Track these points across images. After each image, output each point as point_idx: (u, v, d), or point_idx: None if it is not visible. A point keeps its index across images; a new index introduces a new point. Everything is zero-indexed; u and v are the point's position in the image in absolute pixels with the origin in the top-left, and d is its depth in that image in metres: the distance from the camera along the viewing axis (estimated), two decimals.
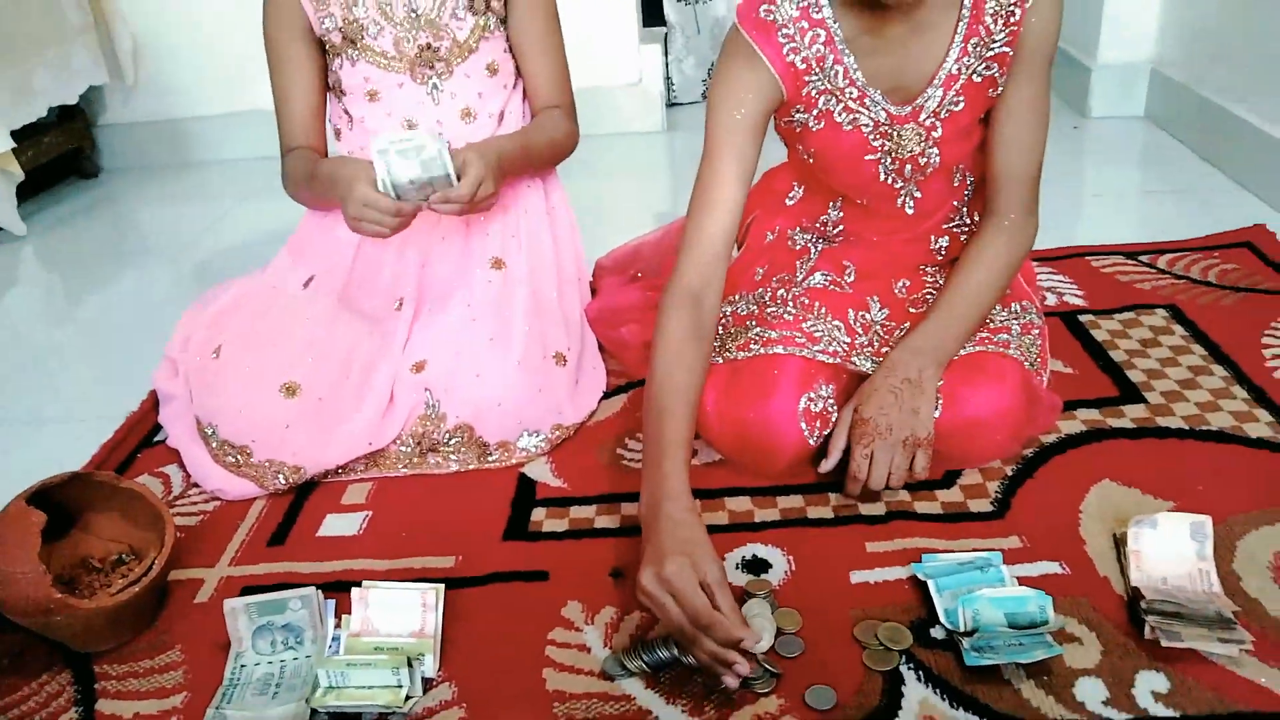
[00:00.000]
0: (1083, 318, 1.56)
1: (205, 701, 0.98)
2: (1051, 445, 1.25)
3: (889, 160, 1.23)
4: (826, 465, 1.19)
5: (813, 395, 1.18)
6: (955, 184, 1.28)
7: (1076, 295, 1.63)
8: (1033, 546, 1.09)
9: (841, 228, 1.34)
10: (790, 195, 1.38)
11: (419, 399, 1.32)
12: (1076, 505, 1.15)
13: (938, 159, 1.22)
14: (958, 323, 1.21)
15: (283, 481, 1.28)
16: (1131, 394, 1.35)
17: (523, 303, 1.40)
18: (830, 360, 1.21)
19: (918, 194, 1.27)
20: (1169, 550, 1.03)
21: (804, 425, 1.17)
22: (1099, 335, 1.50)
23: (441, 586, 1.01)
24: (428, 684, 0.98)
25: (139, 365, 1.62)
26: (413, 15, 1.40)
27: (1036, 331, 1.28)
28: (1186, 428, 1.27)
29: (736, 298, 1.32)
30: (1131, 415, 1.30)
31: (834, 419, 1.20)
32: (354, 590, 1.00)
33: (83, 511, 1.15)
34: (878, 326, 1.27)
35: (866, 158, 1.23)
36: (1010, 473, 1.21)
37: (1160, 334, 1.49)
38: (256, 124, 2.76)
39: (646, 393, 1.10)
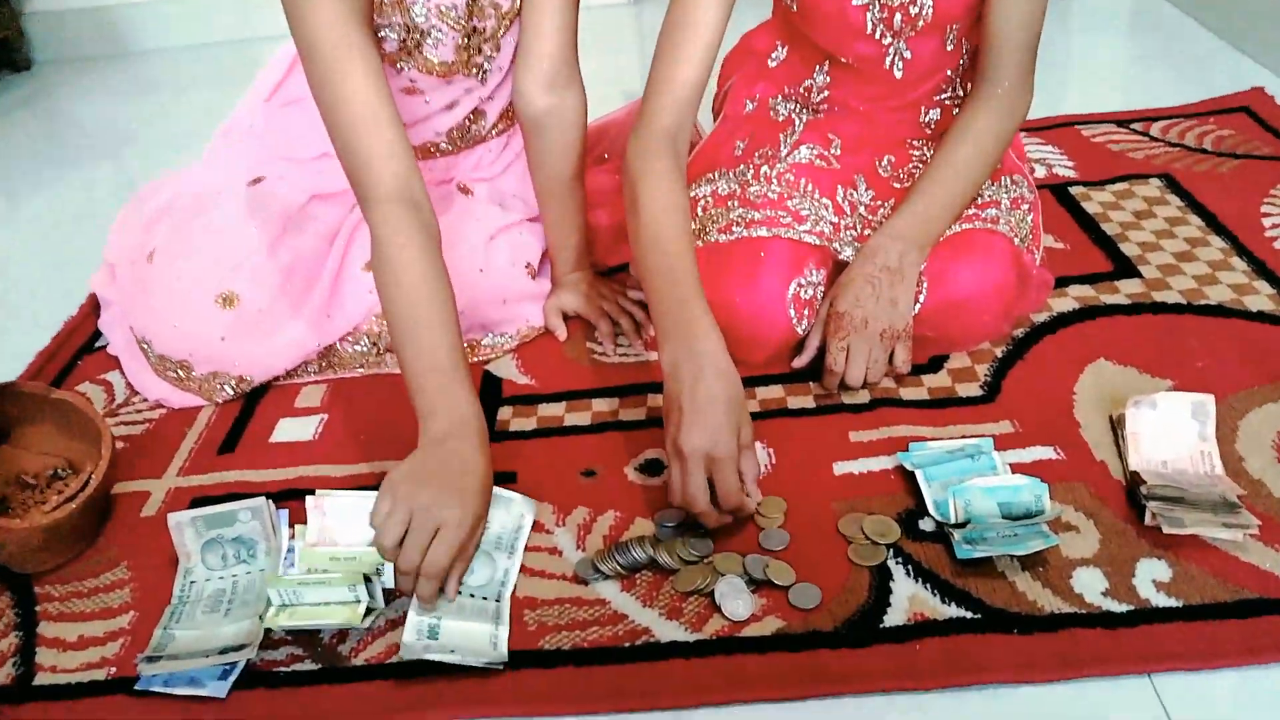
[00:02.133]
0: (1073, 190, 1.48)
1: (155, 621, 0.92)
2: (1043, 324, 1.19)
3: (877, 7, 1.12)
4: (800, 361, 1.13)
5: (803, 281, 1.11)
6: (949, 48, 1.18)
7: (1066, 166, 1.55)
8: (1025, 431, 1.03)
9: (827, 94, 1.24)
10: (773, 56, 1.28)
11: (375, 297, 1.23)
12: (1070, 387, 1.09)
13: (930, 11, 1.11)
14: (943, 203, 1.13)
15: (230, 392, 1.21)
16: (1126, 268, 1.28)
17: (491, 216, 1.29)
18: (817, 242, 1.13)
19: (907, 54, 1.16)
20: (1169, 431, 0.97)
21: (793, 313, 1.10)
22: (1090, 208, 1.43)
23: None
24: (390, 595, 0.92)
25: (80, 269, 1.52)
26: (465, 4, 1.13)
27: (1027, 206, 1.20)
28: (1184, 302, 1.21)
29: (715, 175, 1.23)
30: (1126, 291, 1.24)
31: None
32: (308, 499, 0.94)
33: (14, 425, 1.07)
34: (862, 208, 1.18)
35: (854, 2, 1.12)
36: (1000, 355, 1.15)
37: (1155, 205, 1.42)
38: (194, 9, 2.60)
39: (640, 243, 1.01)
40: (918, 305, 1.10)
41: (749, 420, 0.91)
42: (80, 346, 1.36)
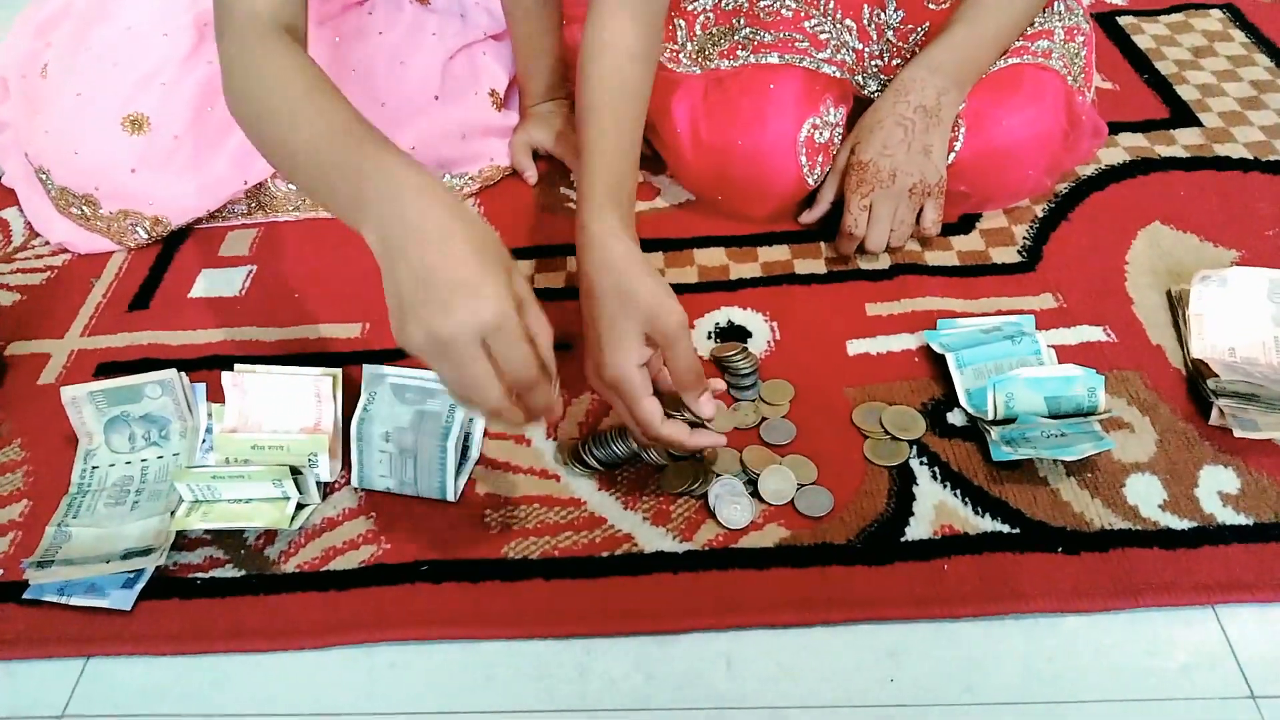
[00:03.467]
0: (1122, 20, 1.29)
1: (52, 512, 0.78)
2: (1089, 179, 1.03)
3: None
4: (809, 216, 0.97)
5: (818, 121, 0.93)
6: None
7: None
8: (1070, 307, 0.89)
9: None
10: None
11: None
12: (1122, 254, 0.94)
13: None
14: (992, 31, 0.94)
15: (143, 236, 1.03)
16: (1183, 115, 1.12)
17: (450, 30, 1.09)
18: (838, 74, 0.95)
19: None
20: (1239, 313, 0.84)
21: (804, 159, 0.93)
22: (1142, 42, 1.25)
23: (338, 373, 0.79)
24: (327, 490, 0.79)
25: None
26: None
27: (1083, 39, 1.01)
28: (1250, 157, 1.05)
29: None
30: (1184, 141, 1.08)
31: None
32: (224, 375, 0.79)
33: None
34: (891, 33, 0.99)
35: None
36: (1041, 214, 0.99)
37: (1216, 41, 1.24)
38: None
39: (578, 92, 0.81)
40: (952, 154, 0.93)
41: (657, 311, 0.67)
42: None
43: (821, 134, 0.94)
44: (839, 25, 0.97)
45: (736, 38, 0.97)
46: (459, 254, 0.58)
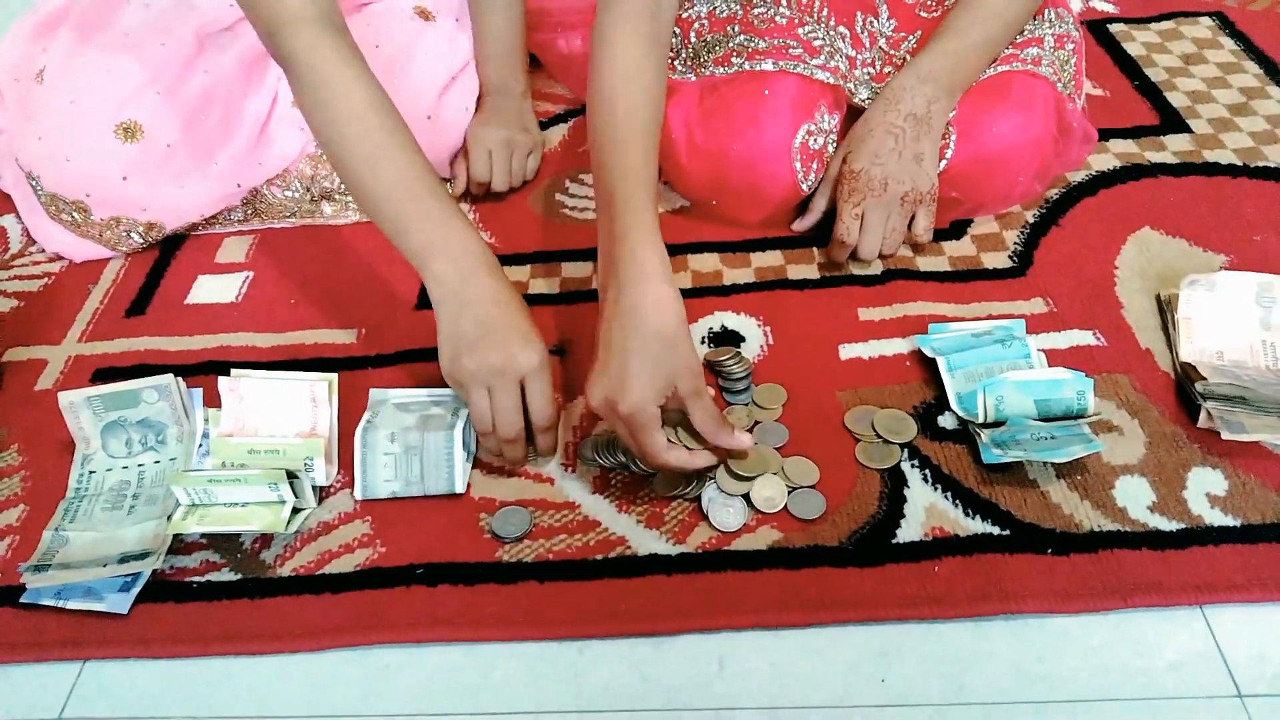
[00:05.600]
0: (1113, 28, 1.30)
1: (50, 516, 0.79)
2: (1080, 185, 1.04)
3: None
4: (802, 224, 0.98)
5: (813, 127, 0.94)
6: None
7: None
8: (1060, 311, 0.90)
9: None
10: None
11: (307, 135, 1.05)
12: (1111, 259, 0.95)
13: None
14: (981, 40, 0.95)
15: (137, 241, 1.04)
16: (1173, 122, 1.13)
17: (450, 52, 1.10)
18: (832, 80, 0.96)
19: None
20: (1227, 318, 0.84)
21: (798, 164, 0.94)
22: (1133, 49, 1.26)
23: (334, 378, 0.80)
24: (323, 494, 0.79)
25: None
26: None
27: (1072, 46, 1.02)
28: (1239, 163, 1.06)
29: None
30: (1174, 148, 1.09)
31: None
32: (221, 380, 0.79)
33: None
34: (883, 40, 1.00)
35: None
36: (1031, 220, 1.00)
37: (1206, 48, 1.25)
38: None
39: (592, 123, 0.83)
40: (943, 161, 0.94)
41: (691, 369, 0.72)
42: None
43: (816, 140, 0.95)
44: (832, 32, 0.98)
45: (731, 44, 0.97)
46: (515, 312, 0.76)
